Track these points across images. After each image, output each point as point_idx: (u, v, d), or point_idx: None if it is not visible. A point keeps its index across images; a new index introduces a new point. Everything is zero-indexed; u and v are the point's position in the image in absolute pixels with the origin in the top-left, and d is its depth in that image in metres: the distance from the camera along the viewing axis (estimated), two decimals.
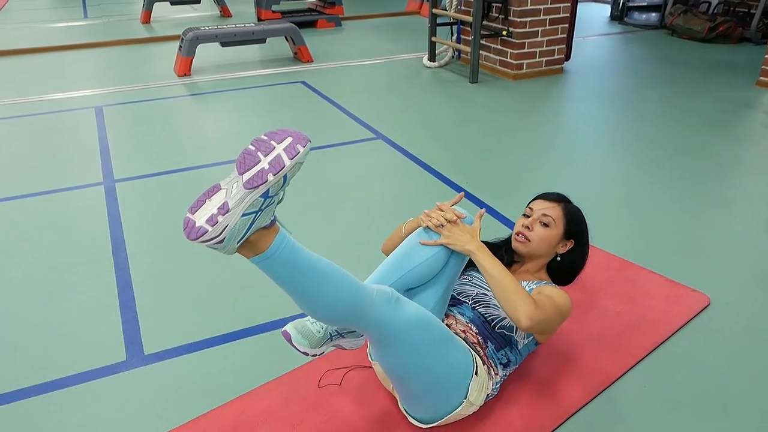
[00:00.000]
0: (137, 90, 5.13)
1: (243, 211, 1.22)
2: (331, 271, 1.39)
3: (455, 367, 1.57)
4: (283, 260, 1.32)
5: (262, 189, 1.23)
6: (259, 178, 1.22)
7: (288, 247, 1.33)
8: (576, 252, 1.89)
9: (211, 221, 1.20)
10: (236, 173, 1.25)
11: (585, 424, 1.72)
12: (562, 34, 5.20)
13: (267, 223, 1.29)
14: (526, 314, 1.54)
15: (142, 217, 2.98)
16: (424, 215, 1.77)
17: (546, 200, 1.88)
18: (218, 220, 1.20)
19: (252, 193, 1.22)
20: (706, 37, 6.33)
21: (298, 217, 2.94)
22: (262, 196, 1.24)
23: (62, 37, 7.15)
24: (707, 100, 4.49)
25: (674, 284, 2.31)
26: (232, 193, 1.23)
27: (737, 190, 3.13)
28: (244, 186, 1.22)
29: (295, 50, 6.00)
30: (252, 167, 1.23)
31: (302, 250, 1.36)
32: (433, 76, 5.39)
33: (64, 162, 3.67)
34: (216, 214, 1.21)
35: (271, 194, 1.25)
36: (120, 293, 2.38)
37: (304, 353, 1.50)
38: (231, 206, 1.21)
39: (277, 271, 1.33)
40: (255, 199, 1.23)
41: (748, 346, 2.01)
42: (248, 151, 1.26)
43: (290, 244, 1.33)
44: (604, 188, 3.17)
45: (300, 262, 1.35)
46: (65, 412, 1.82)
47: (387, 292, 1.46)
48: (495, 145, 3.78)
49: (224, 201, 1.22)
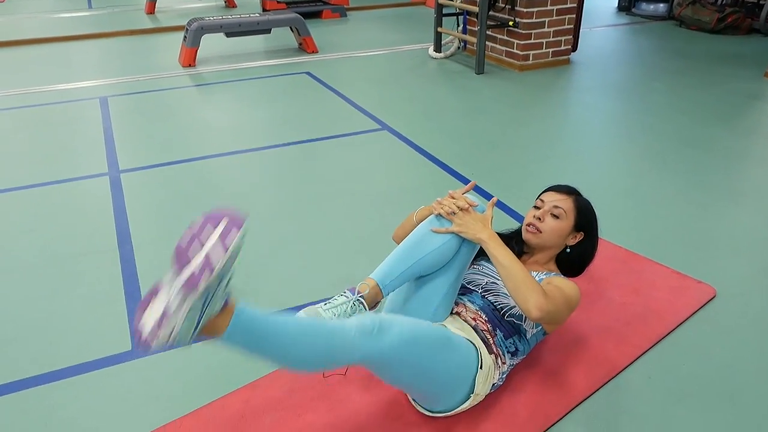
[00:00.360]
0: (142, 81, 5.13)
1: (187, 309, 1.18)
2: (298, 330, 1.36)
3: (456, 367, 1.57)
4: (244, 335, 1.31)
5: (202, 285, 1.18)
6: (197, 278, 1.17)
7: (246, 322, 1.31)
8: (586, 244, 1.89)
9: (155, 331, 1.17)
10: (176, 266, 1.20)
11: (590, 414, 1.72)
12: (569, 24, 5.17)
13: (217, 310, 1.27)
14: (536, 305, 1.54)
15: (148, 208, 2.98)
16: (436, 203, 1.76)
17: (557, 192, 1.88)
18: (163, 324, 1.17)
19: (192, 294, 1.18)
20: (715, 28, 6.28)
21: (302, 208, 2.93)
22: (204, 293, 1.19)
23: (67, 28, 7.15)
24: (715, 92, 4.46)
25: (680, 276, 2.30)
26: (172, 296, 1.19)
27: (745, 182, 3.11)
28: (182, 288, 1.18)
29: (300, 41, 5.98)
30: (190, 261, 1.19)
31: (262, 318, 1.33)
32: (438, 67, 5.37)
33: (68, 152, 3.67)
34: (160, 319, 1.17)
35: (211, 288, 1.21)
36: (125, 284, 2.38)
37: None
38: (173, 309, 1.18)
39: (243, 345, 1.33)
40: (196, 299, 1.19)
41: (754, 338, 2.00)
42: (185, 239, 1.21)
43: (247, 318, 1.31)
44: (610, 179, 3.16)
45: (263, 331, 1.32)
46: (70, 402, 1.82)
47: (366, 325, 1.42)
48: (501, 136, 3.77)
49: (166, 305, 1.18)
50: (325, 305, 1.55)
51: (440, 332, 1.57)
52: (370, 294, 1.61)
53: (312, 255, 2.54)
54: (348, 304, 1.56)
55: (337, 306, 1.55)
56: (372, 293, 1.61)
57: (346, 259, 2.51)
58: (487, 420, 1.68)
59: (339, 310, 1.54)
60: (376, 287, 1.63)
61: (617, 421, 1.70)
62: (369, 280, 1.64)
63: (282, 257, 2.53)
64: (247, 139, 3.82)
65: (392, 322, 1.46)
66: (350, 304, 1.56)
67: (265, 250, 2.56)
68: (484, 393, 1.65)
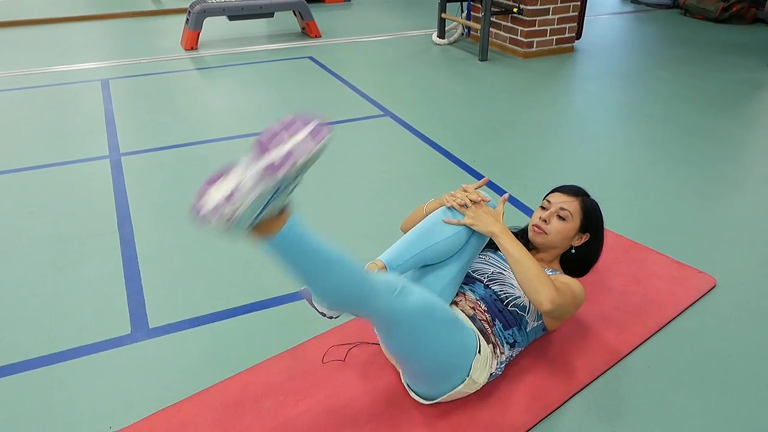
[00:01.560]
0: (144, 63, 5.10)
1: (257, 194, 1.17)
2: (337, 259, 1.37)
3: (458, 347, 1.58)
4: (290, 246, 1.30)
5: (281, 173, 1.17)
6: (275, 167, 1.16)
7: (297, 233, 1.30)
8: (591, 245, 1.91)
9: (220, 206, 1.16)
10: (257, 152, 1.19)
11: (590, 402, 1.72)
12: (573, 12, 5.13)
13: (280, 206, 1.26)
14: (549, 297, 1.56)
15: (148, 191, 2.97)
16: (449, 195, 1.77)
17: (564, 194, 1.90)
18: (228, 204, 1.16)
19: (268, 179, 1.17)
20: (720, 17, 6.23)
21: (304, 193, 2.92)
22: (279, 181, 1.18)
23: (68, 9, 7.10)
24: (719, 81, 4.44)
25: (681, 265, 2.29)
26: (247, 176, 1.17)
27: (747, 172, 3.09)
28: (262, 171, 1.17)
29: (303, 25, 5.94)
30: (273, 149, 1.18)
31: (311, 236, 1.33)
32: (442, 53, 5.33)
33: (69, 135, 3.66)
34: (228, 196, 1.17)
35: (287, 180, 1.20)
36: (125, 266, 2.38)
37: (321, 313, 1.47)
38: (244, 190, 1.17)
39: (284, 255, 1.32)
40: (269, 186, 1.18)
41: (753, 328, 2.00)
42: (272, 130, 1.19)
43: (299, 230, 1.31)
44: (612, 168, 3.15)
45: (308, 248, 1.33)
46: (70, 384, 1.83)
47: (392, 283, 1.46)
48: (503, 124, 3.75)
49: (237, 184, 1.17)
50: None
51: (451, 312, 1.60)
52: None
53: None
54: None
55: None
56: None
57: (349, 245, 2.48)
58: (486, 407, 1.68)
59: None
60: (384, 269, 1.63)
61: (617, 408, 1.70)
62: (377, 261, 1.65)
63: None
64: (248, 123, 3.80)
65: (413, 290, 1.50)
66: None
67: None
68: (482, 381, 1.65)
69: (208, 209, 1.17)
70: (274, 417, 1.67)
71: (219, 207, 1.17)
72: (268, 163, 1.17)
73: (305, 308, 2.13)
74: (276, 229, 1.27)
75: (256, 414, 1.68)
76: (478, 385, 1.65)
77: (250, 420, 1.66)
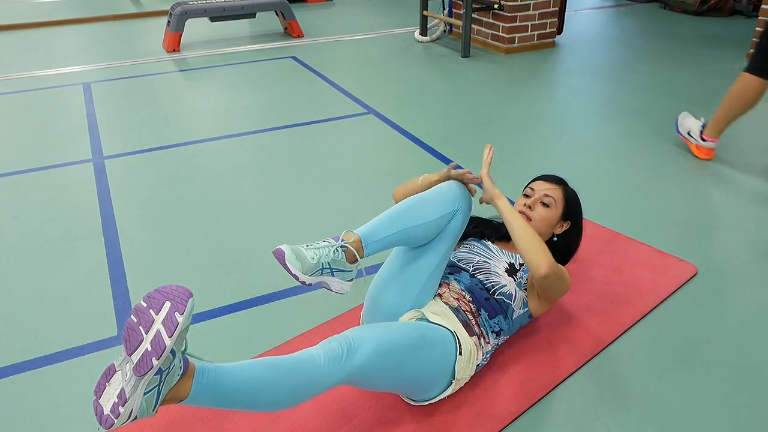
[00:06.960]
0: (126, 66, 5.08)
1: (143, 391, 1.21)
2: (264, 375, 1.35)
3: (433, 362, 1.57)
4: (209, 396, 1.31)
5: (153, 371, 1.20)
6: (145, 364, 1.18)
7: (209, 385, 1.31)
8: (572, 233, 1.94)
9: (114, 411, 1.19)
10: (126, 351, 1.21)
11: (575, 390, 1.74)
12: (554, 7, 5.17)
13: (176, 380, 1.27)
14: (547, 263, 1.61)
15: (132, 194, 2.97)
16: (451, 168, 1.77)
17: (547, 182, 1.93)
18: (120, 410, 1.19)
19: (145, 377, 1.20)
20: (698, 10, 6.30)
21: (287, 193, 2.93)
22: (157, 374, 1.21)
23: (49, 13, 7.05)
24: (698, 73, 4.49)
25: (662, 254, 2.33)
26: (126, 378, 1.21)
27: (725, 162, 3.14)
28: (134, 372, 1.19)
29: (286, 25, 5.94)
30: (136, 348, 1.19)
31: (224, 372, 1.33)
32: (424, 50, 5.35)
33: (52, 139, 3.64)
34: (117, 403, 1.19)
35: (164, 368, 1.23)
36: (110, 268, 2.38)
37: (294, 276, 1.45)
38: (128, 394, 1.20)
39: (208, 403, 1.33)
40: (150, 378, 1.21)
41: (733, 314, 2.04)
42: (130, 325, 1.22)
43: (210, 380, 1.31)
44: (594, 161, 3.18)
45: (227, 387, 1.32)
46: (56, 387, 1.82)
47: (334, 350, 1.42)
48: (486, 119, 3.77)
49: (121, 388, 1.20)
50: (308, 245, 1.51)
51: (414, 332, 1.55)
52: (353, 246, 1.56)
53: (298, 239, 2.54)
54: (330, 249, 1.52)
55: (320, 248, 1.51)
56: (354, 246, 1.56)
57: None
58: (473, 397, 1.70)
59: (321, 253, 1.50)
60: (359, 242, 1.58)
61: (602, 395, 1.72)
62: (354, 235, 1.59)
63: (268, 242, 2.53)
64: (232, 124, 3.80)
65: (362, 339, 1.45)
66: (333, 249, 1.52)
67: (251, 235, 2.57)
68: (468, 375, 1.67)
69: (107, 410, 1.20)
70: (263, 414, 1.67)
71: (116, 413, 1.19)
72: (138, 359, 1.19)
73: (292, 306, 2.14)
74: (187, 390, 1.29)
75: (245, 411, 1.68)
76: (466, 379, 1.67)
77: (238, 417, 1.67)
